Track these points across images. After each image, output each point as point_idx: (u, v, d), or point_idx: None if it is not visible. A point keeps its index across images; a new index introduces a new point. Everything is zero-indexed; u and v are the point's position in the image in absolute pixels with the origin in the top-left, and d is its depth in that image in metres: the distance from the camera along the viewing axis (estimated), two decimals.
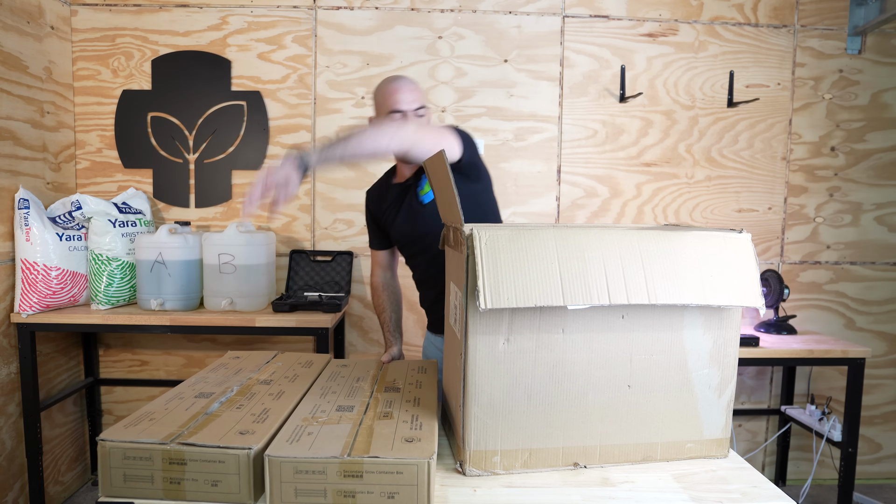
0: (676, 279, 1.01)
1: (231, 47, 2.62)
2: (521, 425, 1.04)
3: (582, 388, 1.05)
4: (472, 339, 1.00)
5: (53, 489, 2.45)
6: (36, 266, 2.20)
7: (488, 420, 1.02)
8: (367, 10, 2.62)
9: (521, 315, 1.01)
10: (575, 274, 0.97)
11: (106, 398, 2.74)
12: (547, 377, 1.03)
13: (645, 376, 1.06)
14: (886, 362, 2.83)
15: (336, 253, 2.62)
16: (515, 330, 1.01)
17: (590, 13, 2.66)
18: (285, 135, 2.65)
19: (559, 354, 1.03)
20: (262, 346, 2.71)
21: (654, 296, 0.99)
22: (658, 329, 1.06)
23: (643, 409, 1.07)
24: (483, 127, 2.66)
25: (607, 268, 0.99)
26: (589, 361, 1.04)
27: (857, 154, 2.76)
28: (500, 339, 1.01)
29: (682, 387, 1.08)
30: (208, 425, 0.98)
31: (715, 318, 1.08)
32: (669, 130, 2.71)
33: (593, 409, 1.05)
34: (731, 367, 1.11)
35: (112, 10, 2.58)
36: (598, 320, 1.03)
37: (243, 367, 1.38)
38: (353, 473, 0.88)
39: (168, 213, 2.67)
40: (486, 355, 1.01)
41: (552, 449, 1.05)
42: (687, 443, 1.11)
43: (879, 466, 2.88)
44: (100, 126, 2.63)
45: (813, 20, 2.70)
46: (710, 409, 1.10)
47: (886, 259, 2.80)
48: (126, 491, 0.91)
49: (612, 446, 1.07)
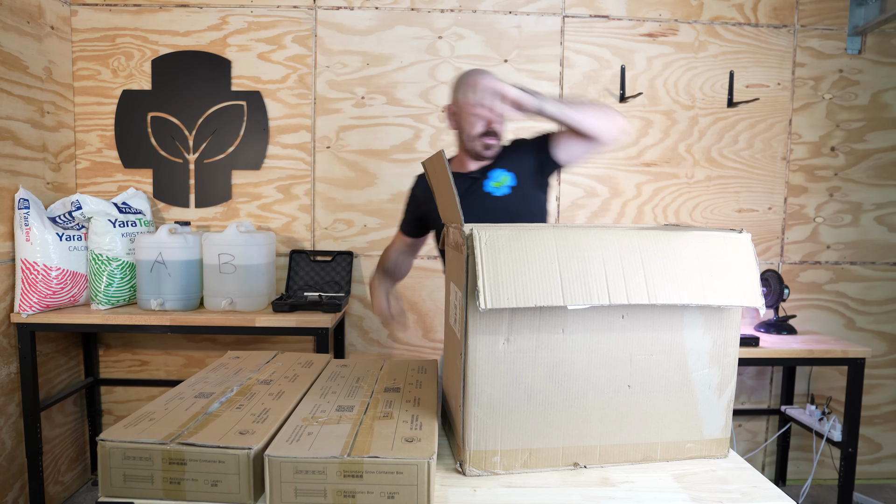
0: (676, 279, 1.01)
1: (231, 47, 2.62)
2: (521, 425, 1.04)
3: (582, 388, 1.05)
4: (472, 339, 1.00)
5: (53, 489, 2.45)
6: (36, 266, 2.20)
7: (488, 420, 1.02)
8: (367, 10, 2.62)
9: (521, 315, 1.01)
10: (575, 274, 0.97)
11: (106, 398, 2.75)
12: (547, 377, 1.03)
13: (645, 376, 1.06)
14: (886, 362, 2.83)
15: (336, 253, 2.62)
16: (515, 330, 1.01)
17: (590, 13, 2.66)
18: (285, 135, 2.65)
19: (559, 354, 1.03)
20: (262, 346, 2.71)
21: (654, 296, 0.99)
22: (658, 329, 1.06)
23: (643, 409, 1.07)
24: None
25: (607, 268, 0.99)
26: (589, 361, 1.04)
27: (857, 154, 2.76)
28: (500, 339, 1.01)
29: (682, 387, 1.08)
30: (208, 425, 0.98)
31: (715, 318, 1.08)
32: (669, 130, 2.71)
33: (593, 409, 1.06)
34: (731, 367, 1.11)
35: (112, 10, 2.58)
36: (598, 320, 1.03)
37: (243, 367, 1.38)
38: (353, 473, 0.88)
39: (168, 213, 2.67)
40: (486, 355, 1.01)
41: (552, 449, 1.05)
42: (687, 443, 1.11)
43: (879, 466, 2.88)
44: (100, 126, 2.63)
45: (813, 20, 2.70)
46: (710, 409, 1.10)
47: (886, 259, 2.80)
48: (126, 491, 0.91)
49: (612, 446, 1.07)
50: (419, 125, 2.66)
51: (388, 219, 2.68)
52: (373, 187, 2.67)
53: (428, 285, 2.70)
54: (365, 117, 2.65)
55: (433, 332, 2.73)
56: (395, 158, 2.67)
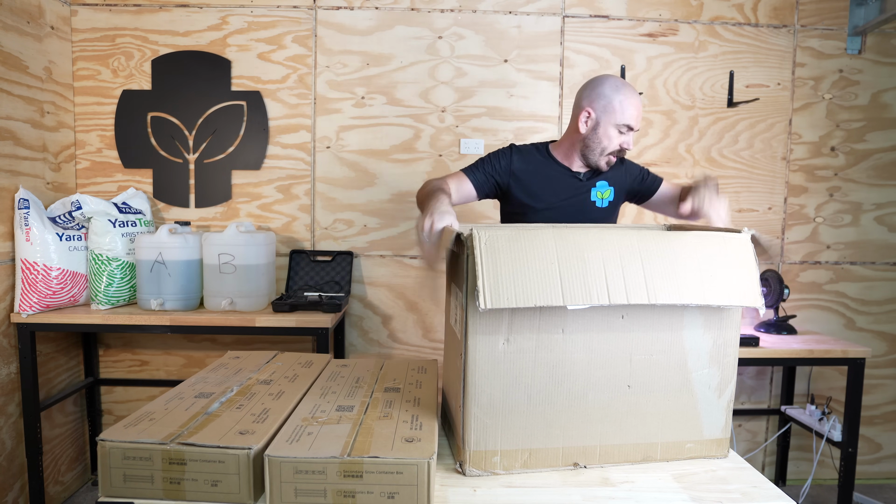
0: (676, 279, 1.01)
1: (231, 47, 2.62)
2: (520, 425, 1.04)
3: (582, 389, 1.05)
4: (472, 339, 1.00)
5: (53, 489, 2.45)
6: (36, 266, 2.20)
7: (488, 420, 1.02)
8: (367, 10, 2.62)
9: (520, 315, 1.01)
10: (575, 274, 0.98)
11: (106, 398, 2.75)
12: (547, 377, 1.03)
13: (645, 376, 1.07)
14: (886, 362, 2.83)
15: (336, 253, 2.62)
16: (515, 330, 1.01)
17: (590, 13, 2.66)
18: (285, 135, 2.65)
19: (559, 354, 1.03)
20: (262, 346, 2.71)
21: (654, 296, 0.99)
22: (658, 329, 1.06)
23: (643, 409, 1.07)
24: (483, 127, 2.66)
25: (607, 268, 0.99)
26: (589, 361, 1.04)
27: (857, 154, 2.76)
28: (500, 340, 1.01)
29: (681, 387, 1.08)
30: (208, 425, 0.98)
31: (715, 318, 1.08)
32: (669, 130, 2.71)
33: (593, 410, 1.06)
34: (730, 367, 1.11)
35: (112, 10, 2.58)
36: (597, 320, 1.04)
37: (243, 367, 1.38)
38: (353, 473, 0.88)
39: (168, 213, 2.67)
40: (486, 355, 1.01)
41: (552, 449, 1.06)
42: (687, 443, 1.11)
43: (879, 466, 2.88)
44: (100, 126, 2.63)
45: (813, 20, 2.70)
46: (709, 409, 1.11)
47: (886, 259, 2.80)
48: (126, 491, 0.91)
49: (612, 446, 1.08)
50: (419, 125, 2.66)
51: (388, 219, 2.68)
52: (373, 187, 2.67)
53: (428, 285, 2.70)
54: (365, 117, 2.65)
55: (433, 332, 2.73)
56: (395, 158, 2.67)
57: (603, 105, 1.61)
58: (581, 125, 1.64)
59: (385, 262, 2.70)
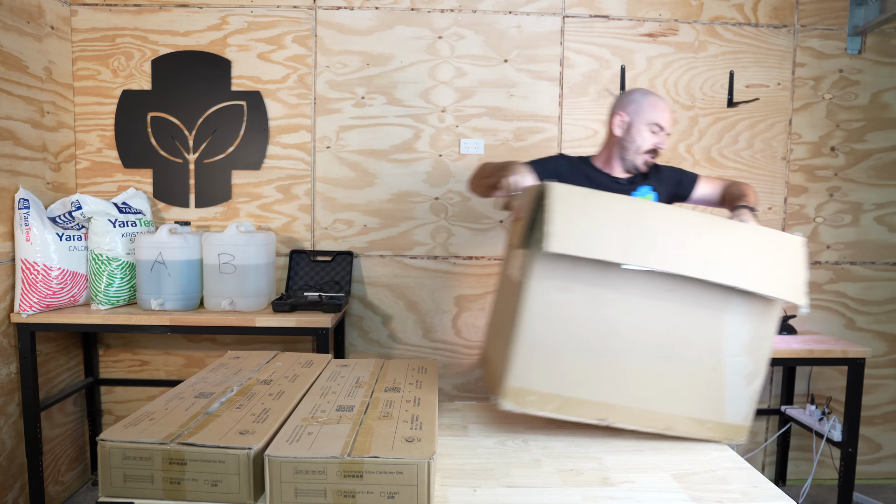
0: (730, 262, 1.07)
1: (231, 47, 2.62)
2: (560, 372, 1.08)
3: (622, 349, 1.09)
4: (531, 281, 1.05)
5: (53, 489, 2.45)
6: (36, 266, 2.20)
7: (532, 360, 1.07)
8: (367, 10, 2.62)
9: (579, 268, 1.05)
10: (638, 237, 1.03)
11: (106, 398, 2.74)
12: (592, 331, 1.08)
13: (682, 351, 1.11)
14: (886, 362, 2.83)
15: (336, 253, 2.62)
16: (573, 279, 1.06)
17: (590, 13, 2.66)
18: (285, 135, 2.65)
19: (608, 312, 1.08)
20: (262, 346, 2.71)
21: (707, 273, 1.05)
22: (702, 309, 1.10)
23: (674, 381, 1.11)
24: (483, 127, 2.66)
25: (669, 239, 1.05)
26: (634, 325, 1.09)
27: (857, 154, 2.76)
28: (556, 287, 1.06)
29: (714, 368, 1.13)
30: (208, 425, 0.98)
31: (757, 309, 1.12)
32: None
33: (629, 371, 1.10)
34: (763, 360, 1.15)
35: (112, 10, 2.58)
36: (649, 288, 1.08)
37: (243, 367, 1.38)
38: (353, 473, 0.88)
39: (168, 213, 2.67)
40: (540, 299, 1.06)
41: (584, 401, 1.10)
42: (707, 422, 1.14)
43: (879, 466, 2.88)
44: (100, 126, 2.63)
45: (813, 20, 2.70)
46: (735, 395, 1.14)
47: (886, 259, 2.80)
48: (126, 491, 0.91)
49: (639, 410, 1.12)
50: (419, 125, 2.66)
51: (388, 219, 2.68)
52: (373, 187, 2.67)
53: (428, 285, 2.71)
54: (365, 117, 2.65)
55: (433, 332, 2.73)
56: (395, 158, 2.67)
57: (634, 108, 1.77)
58: (616, 129, 1.79)
59: (385, 262, 2.70)
